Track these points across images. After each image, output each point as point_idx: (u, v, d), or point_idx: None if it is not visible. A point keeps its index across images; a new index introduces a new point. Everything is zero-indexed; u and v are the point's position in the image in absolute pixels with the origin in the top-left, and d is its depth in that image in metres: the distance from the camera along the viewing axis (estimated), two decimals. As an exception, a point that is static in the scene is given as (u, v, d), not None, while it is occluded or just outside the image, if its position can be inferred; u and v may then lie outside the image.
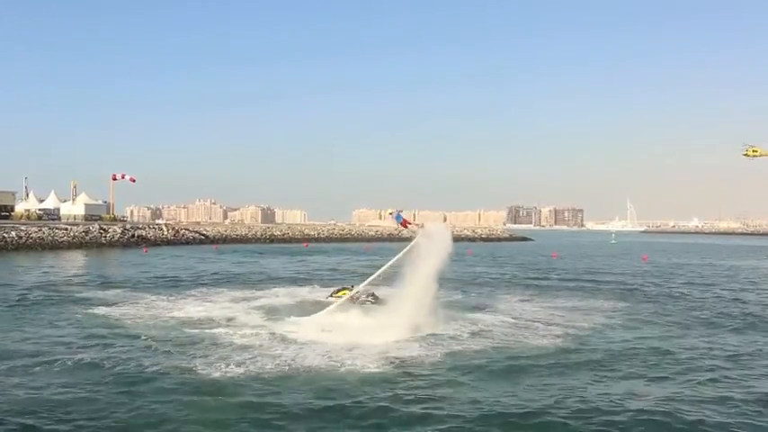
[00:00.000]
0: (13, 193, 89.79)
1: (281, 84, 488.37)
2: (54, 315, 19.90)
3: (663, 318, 21.23)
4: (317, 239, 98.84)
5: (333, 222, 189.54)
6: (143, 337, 16.17)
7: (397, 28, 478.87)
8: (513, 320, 19.76)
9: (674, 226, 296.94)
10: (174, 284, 29.47)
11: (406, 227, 22.09)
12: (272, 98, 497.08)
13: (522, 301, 25.03)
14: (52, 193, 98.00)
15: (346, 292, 21.24)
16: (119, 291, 26.26)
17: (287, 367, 13.14)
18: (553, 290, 29.61)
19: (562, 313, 21.66)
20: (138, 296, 24.34)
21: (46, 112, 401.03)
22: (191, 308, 21.36)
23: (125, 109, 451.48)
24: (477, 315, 20.76)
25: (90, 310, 20.64)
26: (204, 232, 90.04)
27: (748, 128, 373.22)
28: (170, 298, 24.01)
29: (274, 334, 16.55)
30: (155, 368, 12.99)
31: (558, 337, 17.11)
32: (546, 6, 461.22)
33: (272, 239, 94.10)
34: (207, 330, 17.17)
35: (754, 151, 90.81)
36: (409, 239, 19.53)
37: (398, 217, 21.80)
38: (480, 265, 46.84)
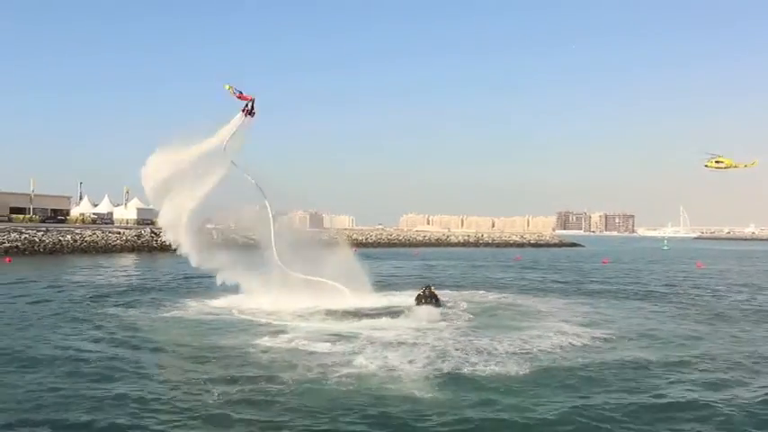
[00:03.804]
0: (69, 198, 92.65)
1: (330, 88, 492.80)
2: (86, 318, 19.90)
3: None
4: (365, 244, 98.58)
5: (380, 227, 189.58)
6: (171, 345, 15.90)
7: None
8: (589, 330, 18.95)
9: (728, 232, 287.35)
10: (216, 289, 28.68)
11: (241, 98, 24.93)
12: (317, 103, 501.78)
13: (585, 306, 24.62)
14: (106, 197, 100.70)
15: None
16: (158, 295, 26.59)
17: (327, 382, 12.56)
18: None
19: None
20: (180, 302, 24.35)
21: (102, 119, 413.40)
22: (231, 315, 21.10)
23: (178, 115, 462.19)
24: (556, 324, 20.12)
25: (124, 314, 20.64)
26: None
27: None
28: (210, 304, 23.83)
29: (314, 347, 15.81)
30: (174, 379, 12.62)
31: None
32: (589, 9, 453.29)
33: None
34: (249, 338, 16.77)
35: (717, 162, 66.87)
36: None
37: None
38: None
